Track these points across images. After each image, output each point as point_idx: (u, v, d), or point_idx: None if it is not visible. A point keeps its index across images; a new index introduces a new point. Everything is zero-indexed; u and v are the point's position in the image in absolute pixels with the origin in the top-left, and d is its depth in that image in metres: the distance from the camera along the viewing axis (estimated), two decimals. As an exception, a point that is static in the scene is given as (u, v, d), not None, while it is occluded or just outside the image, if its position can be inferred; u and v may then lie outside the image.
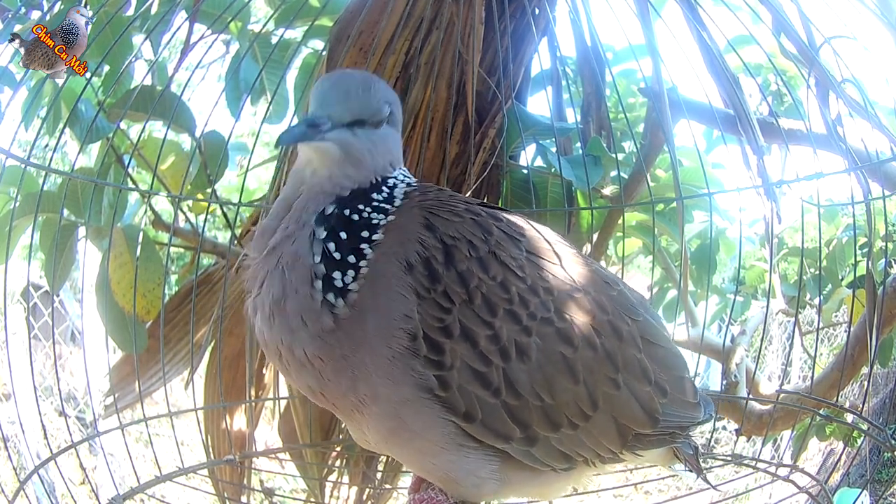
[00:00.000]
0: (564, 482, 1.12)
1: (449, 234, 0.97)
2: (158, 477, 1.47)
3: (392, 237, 0.97)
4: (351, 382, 0.95)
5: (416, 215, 1.00)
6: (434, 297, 0.93)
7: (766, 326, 2.33)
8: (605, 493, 4.43)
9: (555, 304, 0.99)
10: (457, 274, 0.95)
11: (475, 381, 0.94)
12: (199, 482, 1.75)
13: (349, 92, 0.96)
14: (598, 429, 1.02)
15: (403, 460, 1.06)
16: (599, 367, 1.01)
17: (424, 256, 0.95)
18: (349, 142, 0.96)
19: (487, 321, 0.95)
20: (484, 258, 0.97)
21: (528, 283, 0.98)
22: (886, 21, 1.46)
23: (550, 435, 0.99)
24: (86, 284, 1.99)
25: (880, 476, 3.56)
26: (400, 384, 0.94)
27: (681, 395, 1.12)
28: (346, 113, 0.95)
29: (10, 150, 1.35)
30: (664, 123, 1.94)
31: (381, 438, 1.02)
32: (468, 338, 0.94)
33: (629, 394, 1.04)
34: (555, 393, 0.98)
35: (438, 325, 0.93)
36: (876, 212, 1.81)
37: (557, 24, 2.13)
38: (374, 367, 0.94)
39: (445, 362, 0.93)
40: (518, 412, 0.96)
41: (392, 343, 0.93)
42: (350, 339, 0.94)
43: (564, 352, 0.98)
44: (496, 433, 0.97)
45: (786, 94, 2.72)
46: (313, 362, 0.96)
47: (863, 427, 1.69)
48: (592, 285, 1.06)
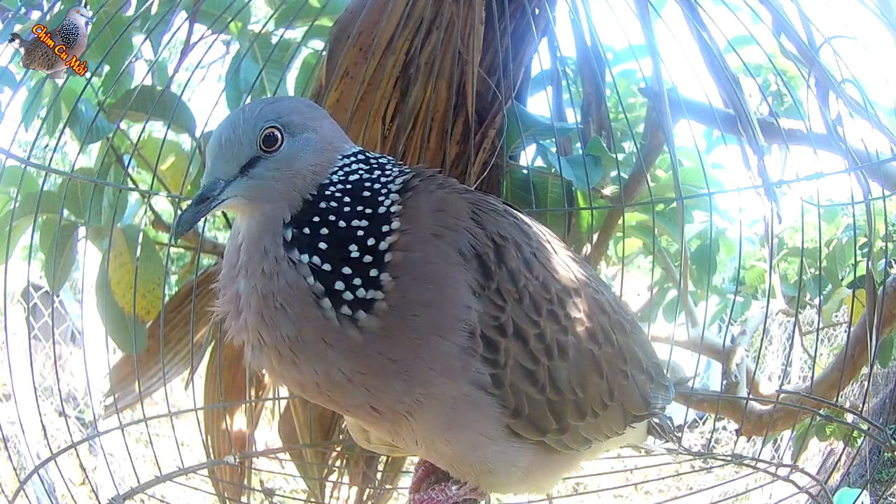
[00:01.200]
0: (577, 463, 1.19)
1: (499, 232, 0.98)
2: (158, 477, 1.47)
3: (421, 223, 0.94)
4: (405, 385, 0.92)
5: (455, 204, 0.98)
6: (488, 295, 0.94)
7: (766, 326, 2.33)
8: (605, 493, 4.44)
9: (582, 304, 1.04)
10: (508, 272, 0.96)
11: (525, 380, 0.97)
12: (199, 482, 1.75)
13: (221, 144, 0.93)
14: (612, 415, 1.09)
15: (444, 457, 1.03)
16: (616, 362, 1.09)
17: (476, 252, 0.95)
18: (248, 186, 0.93)
19: (535, 320, 0.97)
20: (528, 258, 1.00)
21: (562, 284, 1.03)
22: (886, 21, 1.46)
23: (579, 424, 1.04)
24: (86, 284, 1.99)
25: (880, 476, 3.56)
26: (459, 381, 0.94)
27: (661, 379, 1.23)
28: (230, 164, 0.93)
29: (10, 150, 1.35)
30: (664, 123, 1.94)
31: (431, 437, 1.00)
32: (520, 336, 0.96)
33: (633, 384, 1.13)
34: (586, 387, 1.03)
35: (494, 324, 0.94)
36: (876, 212, 1.81)
37: (557, 24, 2.13)
38: (432, 362, 0.92)
39: (500, 360, 0.95)
40: (557, 407, 1.01)
41: (452, 337, 0.92)
42: (397, 339, 0.91)
43: (593, 349, 1.04)
44: (536, 427, 1.00)
45: (786, 94, 2.72)
46: (353, 379, 0.92)
47: (863, 427, 1.69)
48: (600, 285, 1.14)
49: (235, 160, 0.93)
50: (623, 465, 3.69)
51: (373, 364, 0.91)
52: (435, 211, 0.97)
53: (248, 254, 0.94)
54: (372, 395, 0.94)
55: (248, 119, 0.93)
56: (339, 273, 0.90)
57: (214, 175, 0.93)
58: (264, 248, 0.93)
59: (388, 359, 0.91)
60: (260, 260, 0.92)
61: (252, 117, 0.93)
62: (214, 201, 0.92)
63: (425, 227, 0.94)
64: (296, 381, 0.95)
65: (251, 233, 0.95)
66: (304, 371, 0.93)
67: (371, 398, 0.94)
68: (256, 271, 0.93)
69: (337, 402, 0.97)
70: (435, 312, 0.92)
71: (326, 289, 0.90)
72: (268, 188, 0.93)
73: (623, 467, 3.66)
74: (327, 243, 0.91)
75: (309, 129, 0.97)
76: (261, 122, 0.93)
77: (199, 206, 0.92)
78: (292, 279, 0.91)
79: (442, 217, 0.96)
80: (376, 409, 0.96)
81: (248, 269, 0.94)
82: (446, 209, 0.98)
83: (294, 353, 0.92)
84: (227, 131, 0.93)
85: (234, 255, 0.97)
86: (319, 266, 0.90)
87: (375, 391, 0.93)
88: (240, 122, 0.93)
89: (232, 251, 0.98)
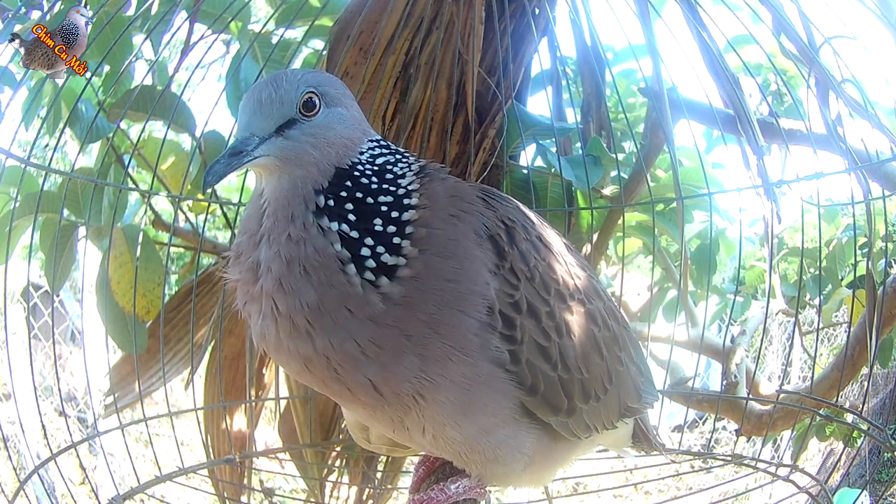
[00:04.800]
0: (573, 455, 1.21)
1: (508, 216, 1.02)
2: (158, 477, 1.47)
3: (439, 204, 0.96)
4: (420, 363, 0.92)
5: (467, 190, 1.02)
6: (503, 274, 0.96)
7: (766, 326, 2.33)
8: (605, 493, 4.44)
9: (583, 286, 1.08)
10: (519, 252, 0.99)
11: (540, 356, 0.99)
12: (199, 482, 1.75)
13: (261, 101, 0.93)
14: (609, 403, 1.12)
15: (453, 444, 1.02)
16: (612, 346, 1.12)
17: (490, 233, 0.98)
18: (283, 147, 0.93)
19: (545, 298, 1.00)
20: (534, 241, 1.03)
21: (565, 266, 1.06)
22: (886, 21, 1.46)
23: (584, 406, 1.07)
24: (86, 284, 1.99)
25: (880, 476, 3.56)
26: (478, 358, 0.94)
27: (648, 374, 1.27)
28: (268, 121, 0.93)
29: (10, 150, 1.35)
30: (664, 123, 1.94)
31: (442, 422, 0.98)
32: (533, 313, 0.98)
33: (627, 372, 1.16)
34: (590, 367, 1.06)
35: (509, 301, 0.96)
36: (876, 212, 1.81)
37: (557, 24, 2.13)
38: (451, 339, 0.92)
39: (516, 336, 0.96)
40: (567, 385, 1.03)
41: (473, 312, 0.93)
42: (417, 309, 0.91)
43: (594, 330, 1.07)
44: (549, 405, 1.02)
45: (786, 94, 2.72)
46: (368, 351, 0.90)
47: (863, 427, 1.69)
48: (593, 272, 1.19)
49: (273, 118, 0.93)
50: (623, 465, 3.69)
51: (390, 336, 0.91)
52: (450, 196, 0.99)
53: (274, 219, 0.93)
54: (382, 371, 0.92)
55: (290, 80, 0.94)
56: (364, 242, 0.91)
57: (250, 130, 0.92)
58: (292, 213, 0.92)
59: (404, 334, 0.91)
60: (286, 226, 0.92)
61: (295, 79, 0.94)
62: (248, 156, 0.91)
63: (443, 208, 0.97)
64: (303, 355, 0.92)
65: (278, 197, 0.94)
66: (317, 342, 0.91)
67: (379, 374, 0.92)
68: (282, 237, 0.92)
69: (342, 378, 0.93)
70: (457, 287, 0.93)
71: (352, 255, 0.90)
72: (303, 152, 0.93)
73: (623, 467, 3.66)
74: (355, 215, 0.92)
75: (343, 104, 0.99)
76: (303, 86, 0.94)
77: (232, 159, 0.91)
78: (320, 246, 0.90)
79: (457, 201, 0.99)
80: (380, 391, 0.94)
81: (271, 234, 0.93)
82: (459, 194, 1.01)
83: (310, 322, 0.90)
84: (270, 89, 0.93)
85: (254, 221, 0.96)
86: (347, 234, 0.91)
87: (387, 367, 0.92)
88: (282, 82, 0.93)
89: (252, 217, 0.97)
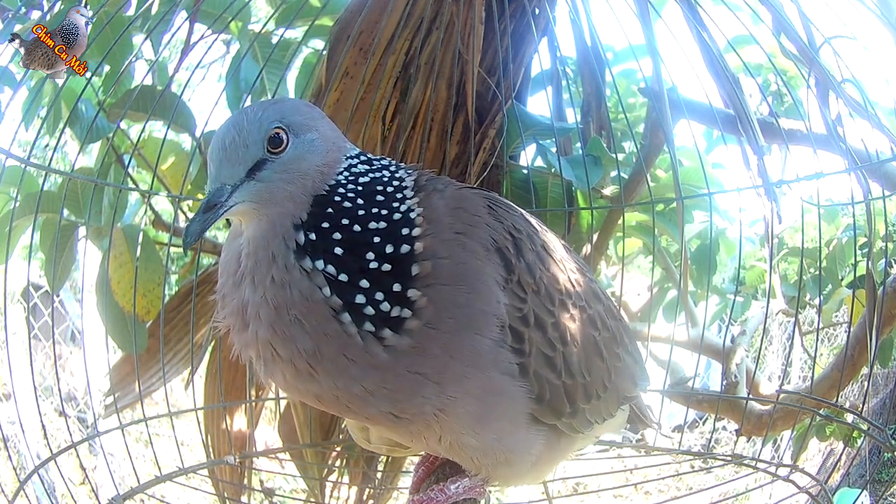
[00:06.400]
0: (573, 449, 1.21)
1: (514, 226, 1.01)
2: (158, 477, 1.47)
3: (442, 223, 0.93)
4: (437, 388, 0.91)
5: (472, 200, 1.00)
6: (511, 288, 0.96)
7: (766, 326, 2.33)
8: (605, 493, 4.44)
9: (584, 293, 1.08)
10: (526, 265, 0.99)
11: (546, 366, 1.00)
12: (199, 482, 1.75)
13: (226, 148, 0.89)
14: (610, 396, 1.14)
15: (469, 450, 1.02)
16: (612, 346, 1.14)
17: (498, 246, 0.96)
18: (256, 190, 0.89)
19: (550, 310, 1.01)
20: (539, 251, 1.03)
21: (567, 274, 1.07)
22: (886, 21, 1.46)
23: (586, 407, 1.08)
24: (86, 284, 1.99)
25: (880, 476, 3.56)
26: (491, 375, 0.95)
27: (640, 360, 1.28)
28: (236, 168, 0.89)
29: (10, 150, 1.35)
30: (664, 123, 1.94)
31: (461, 432, 0.98)
32: (540, 326, 0.99)
33: (625, 365, 1.18)
34: (591, 371, 1.08)
35: (518, 315, 0.96)
36: (876, 212, 1.81)
37: (557, 24, 2.13)
38: (466, 360, 0.91)
39: (525, 349, 0.97)
40: (571, 391, 1.04)
41: (486, 332, 0.92)
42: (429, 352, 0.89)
43: (594, 335, 1.09)
44: (554, 411, 1.03)
45: (786, 94, 2.72)
46: (375, 393, 0.89)
47: (863, 427, 1.69)
48: (590, 272, 1.19)
49: (241, 163, 0.89)
50: (623, 465, 3.70)
51: (400, 380, 0.89)
52: (453, 209, 0.96)
53: (255, 260, 0.90)
54: (397, 404, 0.91)
55: (252, 120, 0.90)
56: (357, 285, 0.87)
57: (220, 180, 0.89)
58: (272, 253, 0.88)
59: (416, 373, 0.89)
60: (268, 267, 0.88)
61: (256, 119, 0.90)
62: (222, 208, 0.88)
63: (447, 226, 0.93)
64: (313, 393, 0.92)
65: (257, 237, 0.90)
66: (323, 385, 0.89)
67: (394, 407, 0.92)
68: (265, 280, 0.88)
69: (356, 413, 0.94)
70: (469, 311, 0.91)
71: (345, 302, 0.86)
72: (277, 190, 0.89)
73: (623, 467, 3.67)
74: (342, 248, 0.88)
75: (311, 129, 0.94)
76: (266, 123, 0.90)
77: (207, 215, 0.87)
78: (306, 290, 0.87)
79: (461, 214, 0.96)
80: (398, 416, 0.93)
81: (254, 276, 0.89)
82: (464, 206, 0.98)
83: (312, 367, 0.88)
84: (231, 134, 0.89)
85: (233, 262, 0.93)
86: (335, 276, 0.87)
87: (401, 402, 0.91)
88: (244, 124, 0.89)
89: (231, 258, 0.94)
